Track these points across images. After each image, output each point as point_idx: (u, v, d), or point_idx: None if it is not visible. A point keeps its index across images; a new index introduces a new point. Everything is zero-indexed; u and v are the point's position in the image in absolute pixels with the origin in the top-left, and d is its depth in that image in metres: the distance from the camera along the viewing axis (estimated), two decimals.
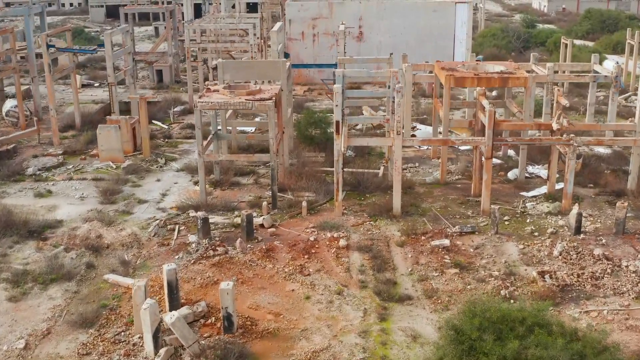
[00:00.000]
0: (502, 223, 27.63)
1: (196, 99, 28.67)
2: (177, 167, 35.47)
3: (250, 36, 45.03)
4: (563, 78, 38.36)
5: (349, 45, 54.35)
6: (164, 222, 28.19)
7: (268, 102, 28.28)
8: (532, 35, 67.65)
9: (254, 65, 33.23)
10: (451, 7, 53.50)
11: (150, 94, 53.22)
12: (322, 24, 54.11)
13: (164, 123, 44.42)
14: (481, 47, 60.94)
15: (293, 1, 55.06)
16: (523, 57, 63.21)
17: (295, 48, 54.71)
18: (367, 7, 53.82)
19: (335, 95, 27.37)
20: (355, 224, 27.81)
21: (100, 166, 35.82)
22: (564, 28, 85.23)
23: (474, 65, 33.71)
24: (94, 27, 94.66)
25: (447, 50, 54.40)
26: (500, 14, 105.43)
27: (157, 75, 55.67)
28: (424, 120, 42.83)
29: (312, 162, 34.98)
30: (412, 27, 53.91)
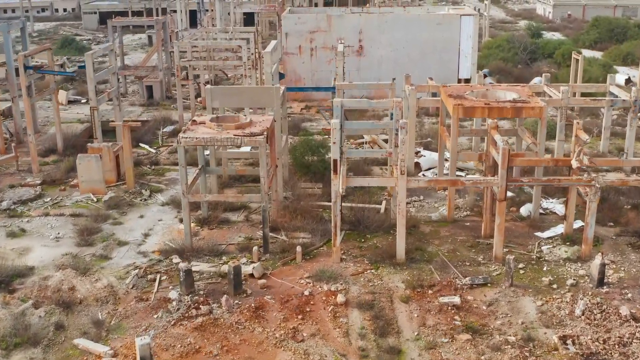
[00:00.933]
0: (517, 272, 25.04)
1: (180, 134, 26.07)
2: (162, 200, 32.87)
3: (244, 53, 42.46)
4: (578, 102, 35.82)
5: (349, 60, 51.77)
6: (144, 271, 25.59)
7: (259, 137, 25.70)
8: (539, 46, 65.01)
9: (244, 92, 30.64)
10: (456, 20, 50.90)
11: (139, 111, 50.72)
12: (320, 38, 51.51)
13: (151, 146, 41.83)
14: (487, 60, 58.35)
15: (290, 14, 52.44)
16: (530, 70, 60.75)
17: (292, 63, 52.11)
18: (367, 20, 51.21)
19: (333, 132, 24.78)
20: (355, 273, 25.23)
21: (80, 199, 33.23)
22: (570, 37, 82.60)
23: (483, 91, 31.10)
24: (86, 35, 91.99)
25: (451, 65, 51.82)
26: (504, 20, 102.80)
27: (147, 91, 53.07)
28: (428, 145, 40.23)
29: (309, 195, 32.38)
30: (414, 41, 51.30)
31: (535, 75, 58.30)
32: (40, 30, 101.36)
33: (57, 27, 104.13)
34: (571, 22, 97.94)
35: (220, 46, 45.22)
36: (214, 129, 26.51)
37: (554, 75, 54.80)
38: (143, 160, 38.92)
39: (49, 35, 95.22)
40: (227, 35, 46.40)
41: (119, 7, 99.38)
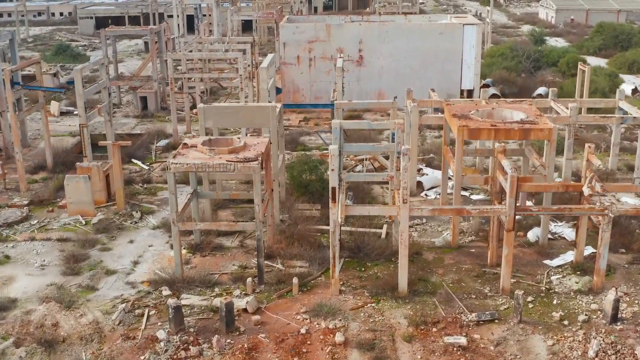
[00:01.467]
0: (526, 305, 23.68)
1: (170, 159, 24.71)
2: (153, 223, 31.51)
3: (240, 66, 41.10)
4: (587, 120, 34.45)
5: (349, 69, 50.47)
6: (131, 305, 24.23)
7: (253, 163, 24.34)
8: (542, 54, 63.62)
9: (239, 111, 29.27)
10: (459, 29, 49.54)
11: (133, 123, 49.38)
12: (319, 48, 50.17)
13: (144, 162, 40.47)
14: (489, 68, 56.97)
15: (288, 23, 51.09)
16: (534, 79, 59.41)
17: (290, 73, 50.76)
18: (367, 29, 49.86)
19: (331, 158, 23.41)
20: (354, 307, 23.87)
21: (68, 221, 31.88)
22: (574, 42, 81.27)
23: (488, 110, 29.74)
24: (82, 41, 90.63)
25: (454, 75, 50.48)
26: (507, 25, 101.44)
27: (141, 102, 51.71)
28: (430, 161, 38.87)
29: (306, 217, 31.00)
30: (416, 51, 49.96)
31: (539, 84, 56.98)
32: (35, 35, 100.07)
33: (53, 32, 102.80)
34: (574, 26, 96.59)
35: (216, 57, 43.87)
36: (205, 154, 25.16)
37: (558, 85, 53.41)
38: (135, 178, 37.57)
39: (44, 40, 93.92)
40: (223, 46, 45.01)
41: (116, 12, 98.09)
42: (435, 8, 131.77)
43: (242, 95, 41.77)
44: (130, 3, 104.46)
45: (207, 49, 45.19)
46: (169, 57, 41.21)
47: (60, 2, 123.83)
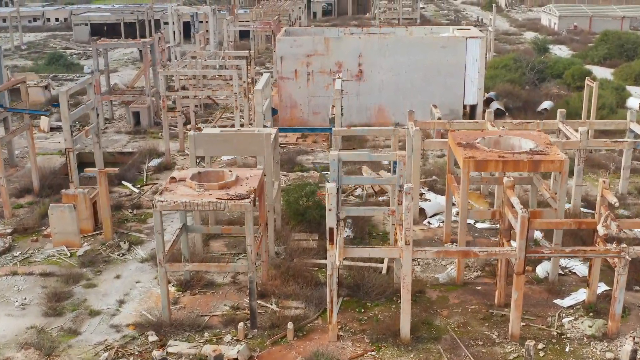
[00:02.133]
0: (537, 354, 22.10)
1: (156, 197, 23.11)
2: (142, 255, 29.91)
3: (234, 84, 39.55)
4: (598, 145, 32.90)
5: (348, 84, 48.88)
6: (115, 352, 22.65)
7: (245, 201, 22.75)
8: (547, 66, 62.04)
9: (231, 139, 27.70)
10: (462, 43, 47.94)
11: (125, 140, 47.80)
12: (317, 62, 48.58)
13: (135, 184, 38.89)
14: (493, 81, 55.38)
15: (285, 36, 49.49)
16: (538, 92, 57.86)
17: (287, 88, 49.17)
18: (367, 43, 48.26)
19: (329, 197, 21.83)
20: (353, 356, 22.30)
21: (52, 253, 30.30)
22: (577, 50, 79.68)
23: (495, 138, 28.13)
24: (76, 49, 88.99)
25: (456, 90, 48.88)
26: (509, 32, 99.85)
27: (133, 117, 50.13)
28: (433, 185, 37.28)
29: (303, 249, 29.41)
30: (418, 65, 48.37)
31: (544, 98, 55.44)
32: (30, 42, 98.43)
33: (48, 38, 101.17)
34: (577, 33, 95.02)
35: (210, 75, 42.36)
36: (194, 189, 23.57)
37: (564, 99, 51.87)
38: (124, 202, 35.98)
39: (38, 48, 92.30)
40: (218, 61, 43.41)
41: (111, 19, 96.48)
42: (436, 13, 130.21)
43: (237, 114, 40.22)
44: (126, 10, 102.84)
45: (201, 64, 43.58)
46: (160, 74, 39.60)
47: (55, 7, 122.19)
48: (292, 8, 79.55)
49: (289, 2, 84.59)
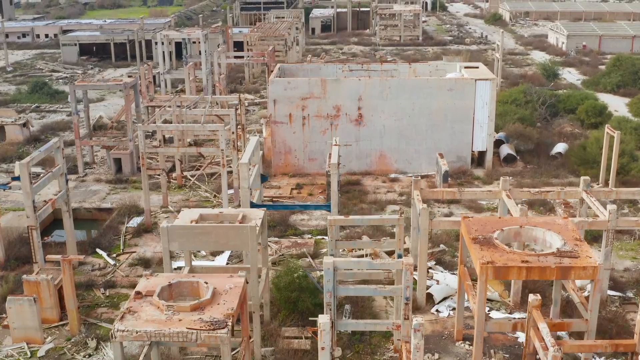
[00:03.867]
0: None
1: (116, 323, 19.31)
2: (110, 356, 26.12)
3: (221, 140, 35.83)
4: (629, 224, 29.13)
5: (346, 129, 45.23)
6: None
7: (221, 332, 18.95)
8: (559, 99, 58.28)
9: (211, 232, 23.93)
10: (470, 85, 44.17)
11: (104, 191, 44.00)
12: (313, 105, 44.81)
13: (111, 252, 35.12)
14: (502, 119, 51.53)
15: (278, 78, 45.71)
16: (551, 130, 54.15)
17: (280, 133, 45.40)
18: (368, 85, 44.47)
19: (321, 334, 18.03)
20: None
21: (9, 351, 26.53)
22: (589, 76, 75.84)
23: (516, 230, 24.36)
24: (64, 72, 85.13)
25: (464, 136, 45.13)
26: (515, 51, 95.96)
27: (115, 164, 46.35)
28: (441, 258, 33.46)
29: (294, 351, 25.66)
30: (422, 109, 44.61)
31: (557, 138, 51.78)
32: (17, 62, 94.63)
33: (36, 58, 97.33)
34: (586, 53, 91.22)
35: (194, 130, 38.69)
36: (162, 312, 19.76)
37: (579, 143, 48.05)
38: (96, 279, 32.18)
39: (25, 69, 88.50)
40: (204, 111, 39.60)
41: (100, 39, 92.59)
42: (438, 27, 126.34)
43: (224, 173, 36.52)
44: (117, 29, 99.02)
45: (186, 113, 39.79)
46: (139, 129, 35.85)
47: (45, 22, 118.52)
48: (288, 31, 75.74)
49: (285, 24, 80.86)
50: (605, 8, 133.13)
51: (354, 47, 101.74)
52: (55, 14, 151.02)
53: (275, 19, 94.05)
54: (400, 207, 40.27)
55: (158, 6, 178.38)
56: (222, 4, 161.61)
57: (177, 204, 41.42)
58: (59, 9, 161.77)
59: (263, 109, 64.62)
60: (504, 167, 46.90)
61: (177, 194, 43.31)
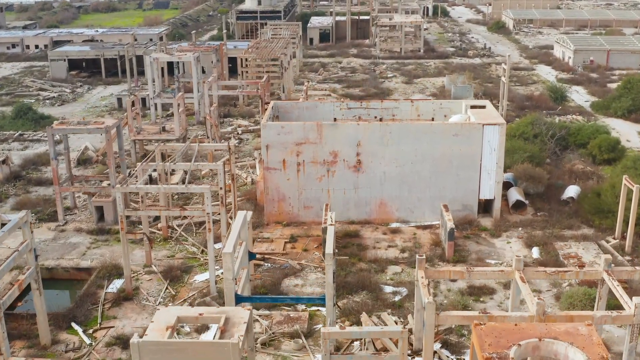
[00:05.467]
0: None
1: None
2: None
3: (207, 203, 32.85)
4: None
5: (344, 176, 42.26)
6: None
7: None
8: (569, 132, 55.21)
9: (186, 349, 20.92)
10: (477, 130, 41.13)
11: (84, 244, 40.99)
12: (308, 151, 41.78)
13: (86, 329, 32.13)
14: (511, 157, 48.30)
15: (271, 122, 42.64)
16: (561, 167, 51.12)
17: (274, 179, 42.38)
18: (367, 130, 41.42)
19: None
20: None
21: None
22: (598, 97, 72.71)
23: (534, 343, 21.35)
24: (52, 91, 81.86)
25: (471, 184, 42.13)
26: (520, 66, 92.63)
27: (97, 212, 43.38)
28: (447, 340, 30.46)
29: None
30: (426, 156, 41.60)
31: (568, 177, 48.75)
32: (4, 77, 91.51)
33: (24, 73, 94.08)
34: (594, 69, 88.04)
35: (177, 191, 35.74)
36: None
37: (593, 190, 44.95)
38: None
39: (12, 87, 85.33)
40: (190, 165, 36.56)
41: (90, 55, 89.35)
42: (440, 36, 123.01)
43: (210, 238, 33.55)
44: (107, 42, 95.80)
45: (169, 168, 36.71)
46: (117, 190, 32.85)
47: (35, 32, 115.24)
48: (284, 51, 72.52)
49: (281, 42, 77.61)
50: (611, 15, 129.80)
51: (353, 61, 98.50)
52: (48, 20, 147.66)
53: (271, 33, 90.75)
54: (403, 269, 37.41)
55: (154, 9, 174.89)
56: (219, 9, 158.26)
57: (162, 262, 38.48)
58: (52, 13, 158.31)
59: (257, 136, 61.59)
60: (512, 214, 43.90)
61: (162, 248, 40.34)
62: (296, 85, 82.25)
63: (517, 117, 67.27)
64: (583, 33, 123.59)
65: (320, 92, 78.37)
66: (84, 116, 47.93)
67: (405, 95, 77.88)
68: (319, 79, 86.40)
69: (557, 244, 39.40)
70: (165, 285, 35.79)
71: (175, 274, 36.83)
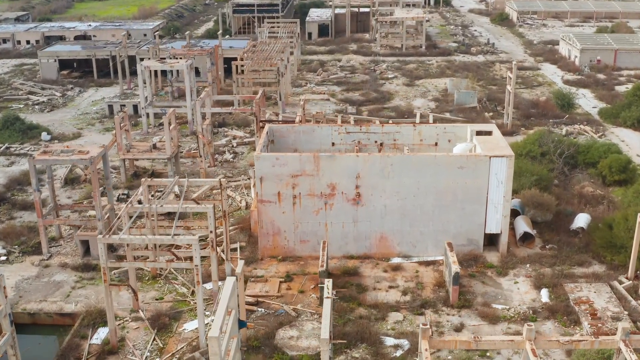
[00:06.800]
0: None
1: None
2: None
3: (195, 256, 30.71)
4: None
5: (343, 209, 40.10)
6: None
7: None
8: (578, 150, 52.85)
9: None
10: (484, 162, 38.83)
11: (68, 284, 38.89)
12: (305, 183, 39.53)
13: None
14: (518, 180, 45.91)
15: (265, 153, 40.31)
16: (570, 189, 48.89)
17: (268, 213, 40.19)
18: (366, 162, 39.12)
19: None
20: None
21: None
22: (607, 107, 70.12)
23: None
24: (42, 95, 79.17)
25: (476, 218, 39.98)
26: (524, 64, 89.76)
27: (82, 246, 41.24)
28: None
29: None
30: (429, 188, 39.38)
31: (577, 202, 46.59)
32: None
33: (15, 72, 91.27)
34: (601, 69, 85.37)
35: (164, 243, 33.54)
36: None
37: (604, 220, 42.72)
38: None
39: (1, 88, 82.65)
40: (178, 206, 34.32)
41: (82, 55, 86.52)
42: (442, 29, 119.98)
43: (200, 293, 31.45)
44: (99, 42, 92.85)
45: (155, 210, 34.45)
46: (100, 241, 30.67)
47: (27, 26, 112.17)
48: (280, 57, 69.75)
49: (278, 45, 74.77)
50: (617, 7, 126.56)
51: (353, 58, 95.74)
52: (42, 10, 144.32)
53: (268, 32, 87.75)
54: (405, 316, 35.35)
55: None
56: None
57: (150, 306, 36.42)
58: (46, 2, 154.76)
59: (252, 149, 59.26)
60: (520, 246, 41.75)
61: (151, 289, 38.25)
62: (294, 87, 79.64)
63: (523, 126, 64.96)
64: (588, 25, 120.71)
65: (319, 97, 75.85)
66: (67, 144, 44.92)
67: (406, 99, 75.36)
68: (318, 80, 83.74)
69: (567, 285, 37.28)
70: (153, 336, 33.74)
71: (164, 321, 34.81)
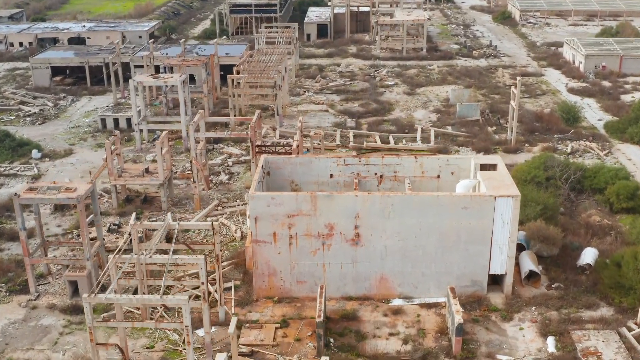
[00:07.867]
0: None
1: None
2: None
3: (185, 316, 29.11)
4: None
5: (341, 250, 38.57)
6: None
7: None
8: (585, 175, 51.17)
9: None
10: (489, 202, 37.19)
11: (56, 328, 37.36)
12: (301, 223, 37.92)
13: None
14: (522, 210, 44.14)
15: (260, 192, 38.65)
16: (576, 217, 47.32)
17: (263, 253, 38.63)
18: (366, 201, 37.47)
19: None
20: None
21: None
22: (613, 120, 68.30)
23: None
24: (33, 105, 77.17)
25: (480, 259, 38.43)
26: (527, 70, 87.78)
27: (70, 287, 39.71)
28: None
29: None
30: (431, 229, 37.80)
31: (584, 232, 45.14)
32: None
33: (7, 78, 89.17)
34: (606, 76, 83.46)
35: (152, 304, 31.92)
36: None
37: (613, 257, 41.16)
38: None
39: None
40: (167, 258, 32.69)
41: (75, 62, 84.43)
42: (443, 28, 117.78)
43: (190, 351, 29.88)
44: (92, 47, 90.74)
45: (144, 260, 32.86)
46: (85, 301, 29.11)
47: (20, 27, 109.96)
48: (277, 70, 67.83)
49: (276, 57, 72.76)
50: (622, 6, 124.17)
51: (353, 62, 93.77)
52: (36, 6, 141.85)
53: (266, 39, 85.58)
54: None
55: None
56: None
57: (140, 355, 34.95)
58: None
59: (248, 169, 57.55)
60: (525, 285, 40.23)
61: (141, 335, 36.74)
62: (292, 96, 77.75)
63: (527, 142, 63.26)
64: (592, 24, 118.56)
65: (317, 107, 74.03)
66: (54, 180, 42.03)
67: (407, 110, 73.54)
68: (316, 87, 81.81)
69: (574, 333, 35.76)
70: None
71: None
